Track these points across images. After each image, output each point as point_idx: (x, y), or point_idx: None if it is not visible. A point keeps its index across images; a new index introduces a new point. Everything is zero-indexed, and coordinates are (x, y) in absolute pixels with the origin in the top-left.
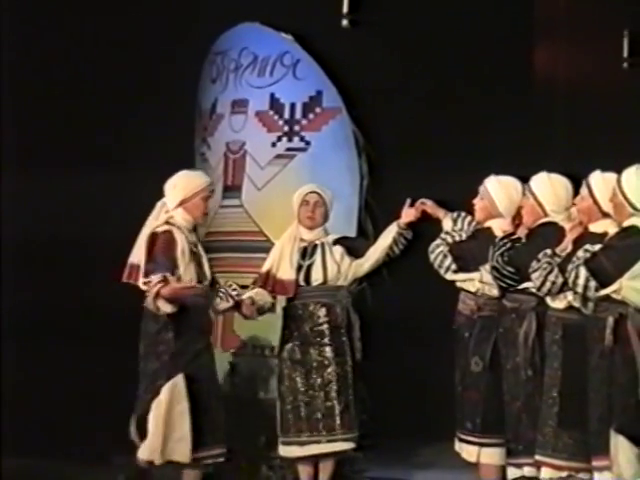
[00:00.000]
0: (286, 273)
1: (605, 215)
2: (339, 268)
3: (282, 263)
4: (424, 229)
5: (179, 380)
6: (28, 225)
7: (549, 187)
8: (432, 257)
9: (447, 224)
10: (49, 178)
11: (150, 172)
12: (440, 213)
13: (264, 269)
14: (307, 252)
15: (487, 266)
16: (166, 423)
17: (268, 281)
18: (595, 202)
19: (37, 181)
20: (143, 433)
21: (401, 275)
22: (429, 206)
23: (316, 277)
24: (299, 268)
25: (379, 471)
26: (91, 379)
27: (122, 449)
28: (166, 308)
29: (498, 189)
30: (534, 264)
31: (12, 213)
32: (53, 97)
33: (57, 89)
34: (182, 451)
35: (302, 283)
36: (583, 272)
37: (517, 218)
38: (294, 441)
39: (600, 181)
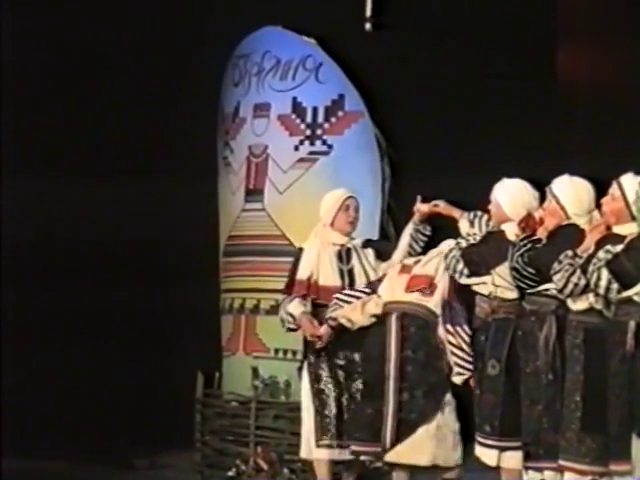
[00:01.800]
0: (329, 279)
1: (633, 218)
2: (376, 272)
3: (322, 269)
4: (444, 224)
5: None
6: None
7: (572, 190)
8: (447, 262)
9: (464, 225)
10: (61, 183)
11: (173, 175)
12: (456, 213)
13: (303, 276)
14: (343, 257)
15: (499, 269)
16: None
17: (310, 288)
18: (627, 204)
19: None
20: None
21: None
22: (442, 207)
23: (360, 281)
24: (340, 273)
25: None
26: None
27: (143, 452)
28: None
29: (503, 193)
30: (556, 265)
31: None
32: (70, 102)
33: (74, 94)
34: None
35: (347, 289)
36: (605, 274)
37: (526, 220)
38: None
39: (633, 183)
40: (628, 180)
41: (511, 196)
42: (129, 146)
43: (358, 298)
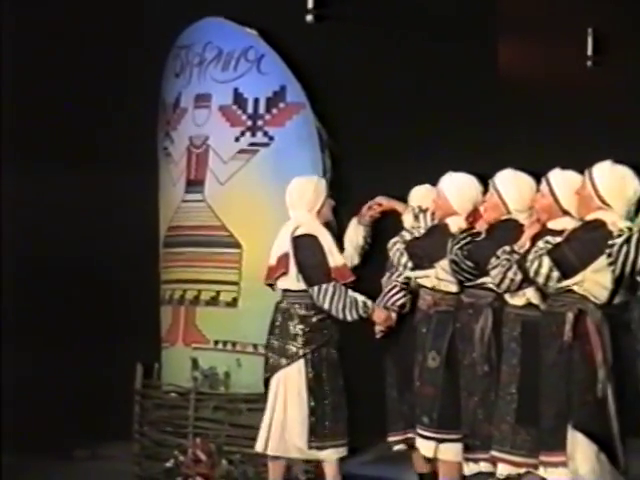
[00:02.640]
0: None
1: (565, 213)
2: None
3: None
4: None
5: None
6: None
7: (514, 186)
8: (390, 254)
9: (408, 219)
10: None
11: (113, 166)
12: (400, 207)
13: (340, 262)
14: None
15: (442, 262)
16: None
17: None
18: (556, 200)
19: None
20: None
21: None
22: (386, 204)
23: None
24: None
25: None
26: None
27: (81, 443)
28: None
29: (451, 187)
30: (493, 261)
31: None
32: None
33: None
34: None
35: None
36: (547, 261)
37: (473, 214)
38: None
39: (561, 179)
40: (556, 176)
41: (458, 190)
42: (69, 136)
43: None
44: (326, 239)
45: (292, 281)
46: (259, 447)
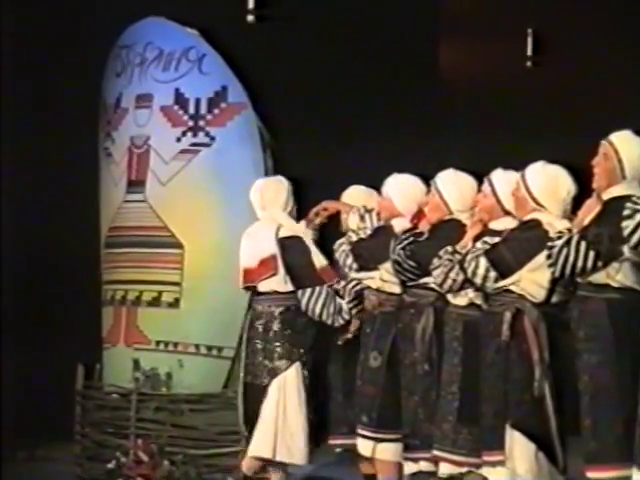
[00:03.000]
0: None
1: (507, 213)
2: None
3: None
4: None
5: None
6: None
7: (455, 186)
8: (336, 255)
9: (354, 221)
10: None
11: (54, 166)
12: (345, 208)
13: (325, 262)
14: None
15: (386, 264)
16: None
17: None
18: (498, 201)
19: None
20: None
21: None
22: (331, 207)
23: None
24: None
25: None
26: None
27: (22, 445)
28: None
29: (395, 188)
30: (435, 261)
31: None
32: None
33: None
34: None
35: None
36: (483, 262)
37: (418, 215)
38: None
39: (503, 179)
40: (498, 176)
41: (402, 191)
42: (9, 137)
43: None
44: (309, 240)
45: (279, 283)
46: (266, 453)
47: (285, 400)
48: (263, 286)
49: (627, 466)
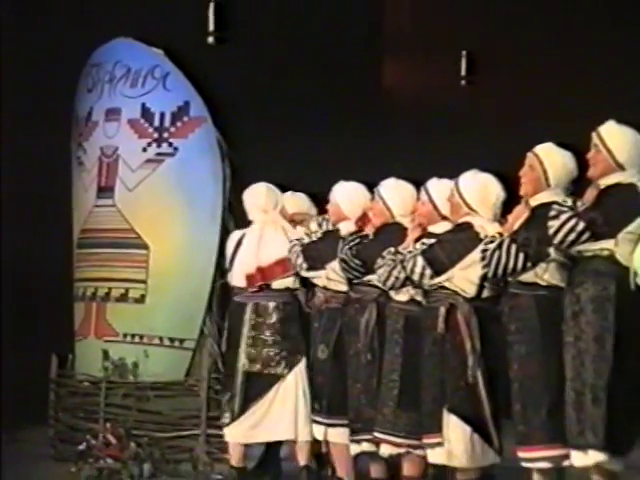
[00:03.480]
0: None
1: (443, 218)
2: None
3: None
4: None
5: None
6: None
7: (397, 193)
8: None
9: (313, 226)
10: None
11: (30, 174)
12: (306, 217)
13: None
14: None
15: (333, 263)
16: None
17: None
18: (435, 207)
19: None
20: None
21: None
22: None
23: None
24: None
25: None
26: None
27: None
28: None
29: (342, 194)
30: (379, 261)
31: None
32: None
33: None
34: None
35: None
36: (420, 261)
37: (362, 219)
38: None
39: (438, 188)
40: (433, 185)
41: (348, 197)
42: None
43: None
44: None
45: (294, 281)
46: (289, 435)
47: (304, 386)
48: (277, 284)
49: (552, 447)
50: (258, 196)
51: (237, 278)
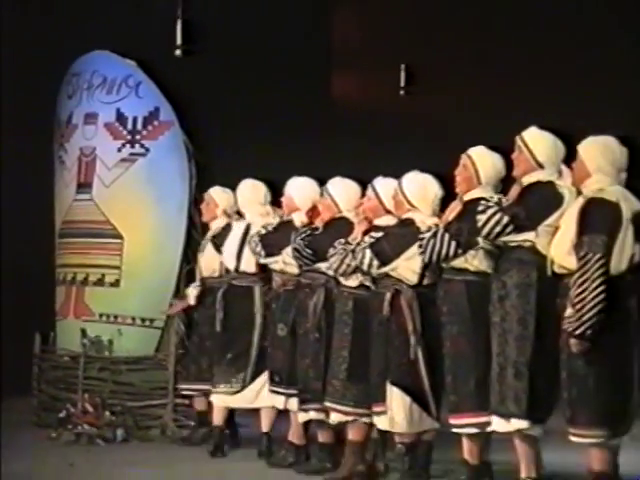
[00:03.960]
0: None
1: (388, 212)
2: None
3: None
4: None
5: None
6: None
7: (343, 190)
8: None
9: (275, 220)
10: None
11: (17, 172)
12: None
13: None
14: None
15: (287, 249)
16: None
17: None
18: (380, 202)
19: None
20: None
21: None
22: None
23: None
24: None
25: None
26: None
27: None
28: None
29: (295, 188)
30: (331, 250)
31: None
32: None
33: None
34: None
35: None
36: (368, 253)
37: (312, 211)
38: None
39: (383, 185)
40: (379, 183)
41: (300, 191)
42: None
43: None
44: None
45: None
46: (267, 403)
47: None
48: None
49: (478, 414)
50: (257, 191)
51: (248, 264)
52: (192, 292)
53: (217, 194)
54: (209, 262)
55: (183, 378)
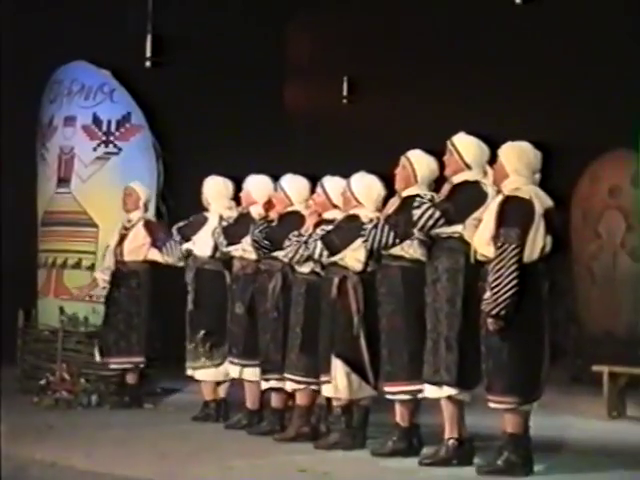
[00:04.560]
0: None
1: (335, 207)
2: None
3: None
4: None
5: None
6: None
7: (294, 185)
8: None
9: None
10: None
11: (5, 168)
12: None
13: None
14: None
15: (245, 239)
16: None
17: None
18: (328, 198)
19: None
20: None
21: None
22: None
23: None
24: None
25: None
26: None
27: None
28: None
29: (252, 183)
30: (287, 242)
31: None
32: None
33: None
34: None
35: None
36: (319, 244)
37: (268, 204)
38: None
39: (331, 183)
40: (328, 180)
41: (257, 186)
42: None
43: None
44: None
45: None
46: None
47: None
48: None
49: (411, 383)
50: (226, 187)
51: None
52: (100, 276)
53: (139, 188)
54: (136, 247)
55: (113, 353)
